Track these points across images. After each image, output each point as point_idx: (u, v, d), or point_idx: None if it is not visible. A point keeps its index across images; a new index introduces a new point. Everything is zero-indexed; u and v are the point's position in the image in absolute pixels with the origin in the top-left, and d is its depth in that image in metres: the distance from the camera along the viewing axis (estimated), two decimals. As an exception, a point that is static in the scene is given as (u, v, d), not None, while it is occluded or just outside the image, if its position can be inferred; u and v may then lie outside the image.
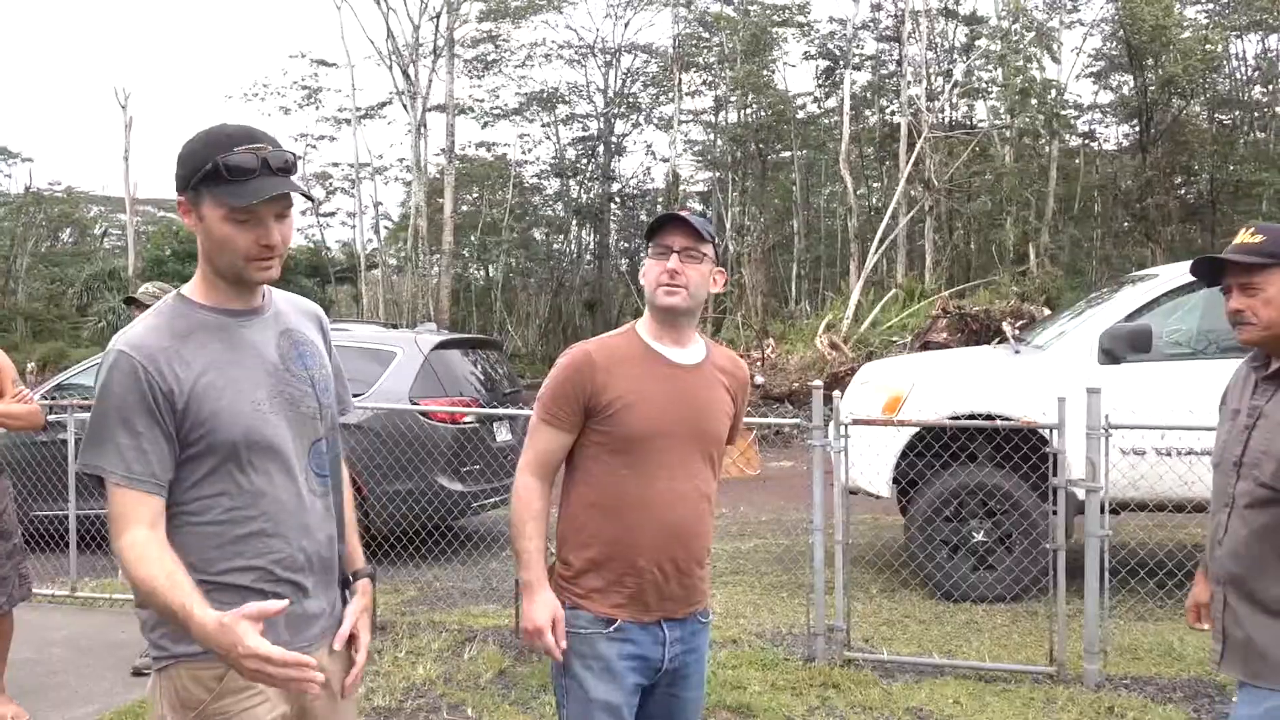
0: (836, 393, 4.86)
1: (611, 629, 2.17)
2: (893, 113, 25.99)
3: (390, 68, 25.82)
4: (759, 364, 15.45)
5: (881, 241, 21.13)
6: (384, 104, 28.92)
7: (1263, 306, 2.15)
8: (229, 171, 1.68)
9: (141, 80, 65.01)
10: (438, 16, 25.27)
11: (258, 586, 1.75)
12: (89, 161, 64.49)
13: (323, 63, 28.00)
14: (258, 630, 1.58)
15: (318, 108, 29.14)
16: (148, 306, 4.83)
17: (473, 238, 29.90)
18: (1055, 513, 4.53)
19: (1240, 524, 2.15)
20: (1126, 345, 5.40)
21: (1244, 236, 2.21)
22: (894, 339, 16.08)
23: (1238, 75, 26.80)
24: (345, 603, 1.95)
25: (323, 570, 1.87)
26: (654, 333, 2.25)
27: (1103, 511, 4.39)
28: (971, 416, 5.52)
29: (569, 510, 2.25)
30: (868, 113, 27.84)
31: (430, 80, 26.05)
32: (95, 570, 6.23)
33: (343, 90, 31.22)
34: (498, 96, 30.29)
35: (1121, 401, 4.92)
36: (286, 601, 1.67)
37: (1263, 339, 2.17)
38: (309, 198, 1.87)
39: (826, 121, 28.99)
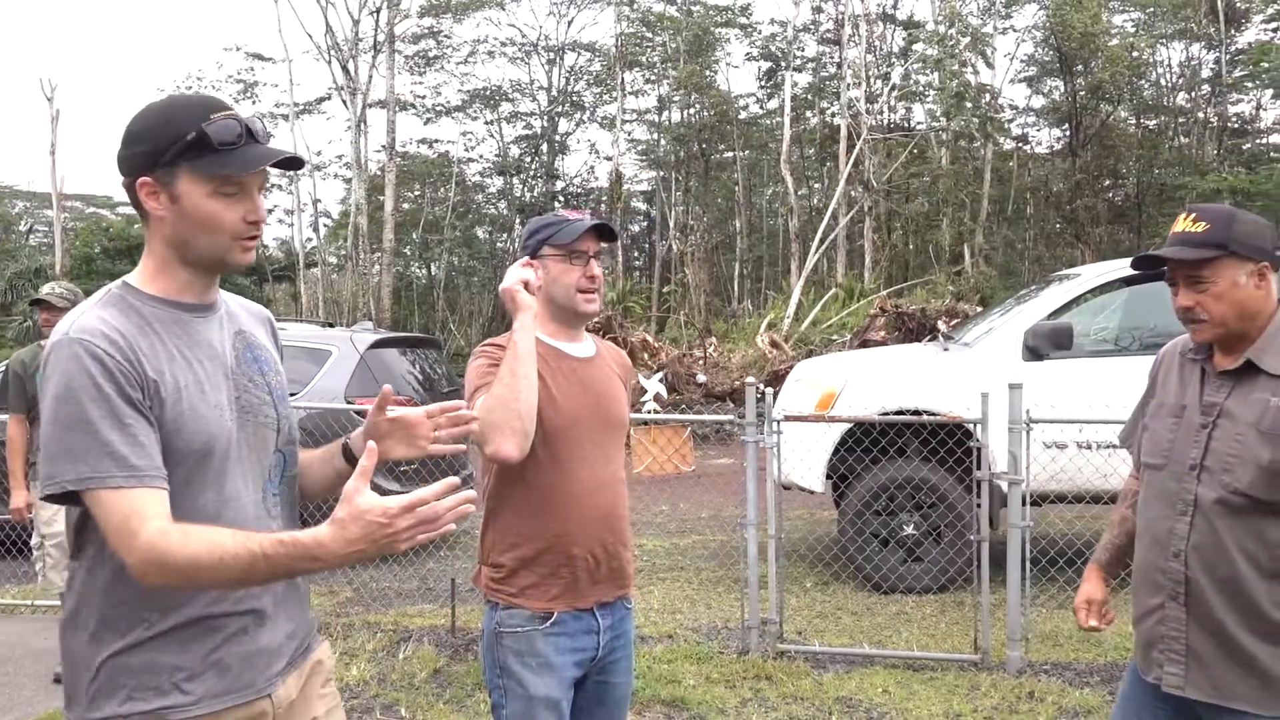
0: (769, 389, 4.94)
1: (548, 624, 2.19)
2: (833, 114, 26.34)
3: (329, 62, 25.46)
4: (701, 362, 15.55)
5: (822, 241, 21.42)
6: (323, 99, 28.48)
7: (1213, 302, 1.94)
8: (217, 141, 1.52)
9: (69, 72, 63.11)
10: (378, 11, 24.97)
11: (214, 622, 1.55)
12: (13, 155, 62.42)
13: (259, 56, 27.51)
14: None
15: (254, 102, 28.56)
16: (56, 308, 4.69)
17: (414, 236, 29.59)
18: (979, 505, 4.66)
19: (1211, 532, 1.95)
20: (1049, 342, 5.56)
21: (1185, 224, 1.99)
22: (834, 338, 16.30)
23: (1163, 82, 27.69)
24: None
25: (280, 594, 1.65)
26: (551, 331, 2.31)
27: (1024, 503, 4.54)
28: (901, 413, 5.65)
29: (496, 516, 2.27)
30: (808, 114, 28.17)
31: (370, 76, 25.73)
32: (16, 576, 6.07)
33: (280, 85, 30.72)
34: (440, 93, 30.17)
35: (1044, 397, 5.08)
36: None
37: (1218, 337, 1.98)
38: (300, 162, 1.68)
39: (768, 122, 29.26)
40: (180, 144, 1.51)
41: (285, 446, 1.71)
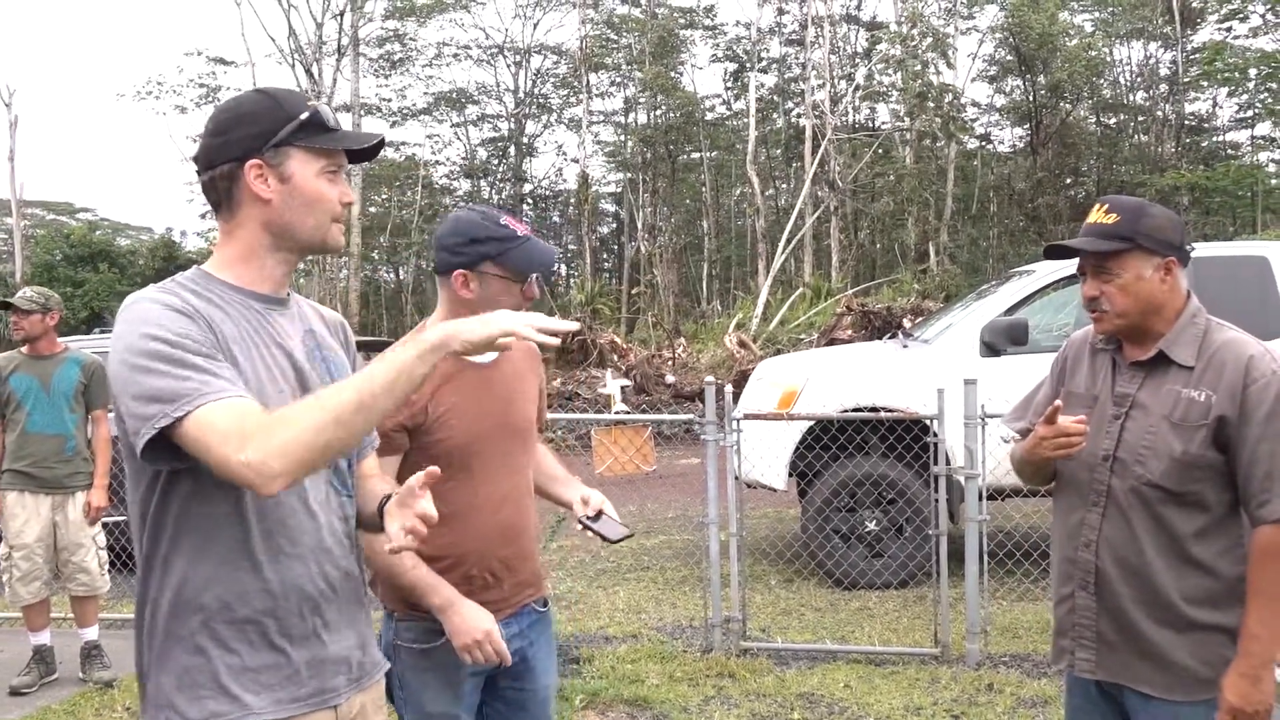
0: (729, 388, 4.97)
1: (444, 639, 2.07)
2: (798, 115, 26.50)
3: (293, 66, 25.33)
4: (670, 363, 15.60)
5: (789, 241, 21.55)
6: (287, 103, 28.23)
7: (1118, 293, 1.96)
8: (328, 121, 1.58)
9: (27, 77, 62.11)
10: (341, 14, 24.86)
11: (277, 618, 1.52)
12: (-29, 162, 61.09)
13: (221, 61, 27.28)
14: None
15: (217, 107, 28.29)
16: (27, 313, 4.65)
17: (382, 239, 29.45)
18: (938, 500, 4.71)
19: (1123, 523, 1.97)
20: (1004, 338, 5.63)
21: (1097, 215, 2.01)
22: (801, 337, 16.41)
23: (1121, 81, 28.12)
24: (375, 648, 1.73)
25: (346, 601, 1.62)
26: None
27: (981, 498, 4.59)
28: (860, 410, 5.69)
29: None
30: (774, 115, 28.33)
31: (335, 79, 25.63)
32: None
33: (243, 89, 30.36)
34: (405, 96, 29.97)
35: (1001, 392, 5.13)
36: None
37: (1119, 329, 2.00)
38: (378, 151, 1.71)
39: (734, 124, 29.41)
40: (295, 123, 1.55)
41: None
